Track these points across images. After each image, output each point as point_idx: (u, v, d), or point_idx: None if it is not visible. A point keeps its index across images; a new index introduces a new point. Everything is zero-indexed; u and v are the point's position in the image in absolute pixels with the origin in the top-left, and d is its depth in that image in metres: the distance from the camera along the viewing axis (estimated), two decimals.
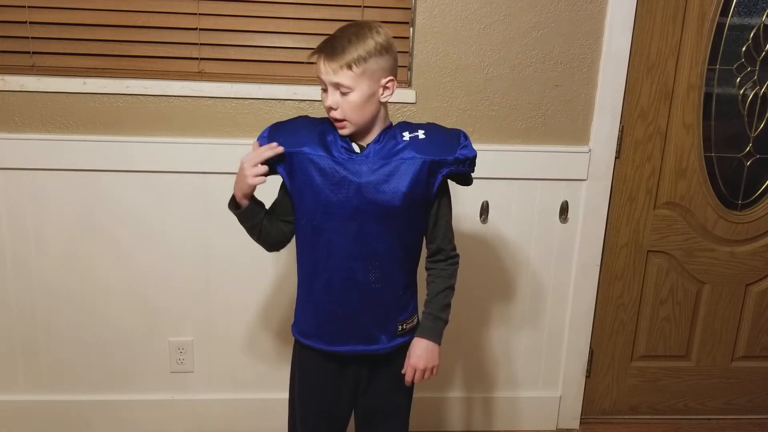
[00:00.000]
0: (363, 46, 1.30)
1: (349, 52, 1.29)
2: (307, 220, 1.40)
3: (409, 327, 1.47)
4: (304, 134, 1.39)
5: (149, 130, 1.92)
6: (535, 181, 2.04)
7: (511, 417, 2.26)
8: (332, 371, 1.48)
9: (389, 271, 1.41)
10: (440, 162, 1.37)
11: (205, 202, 1.97)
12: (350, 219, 1.36)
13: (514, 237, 2.09)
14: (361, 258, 1.38)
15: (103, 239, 1.98)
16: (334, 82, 1.31)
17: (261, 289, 2.06)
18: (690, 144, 2.11)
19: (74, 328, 2.04)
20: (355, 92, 1.32)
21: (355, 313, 1.42)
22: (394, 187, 1.35)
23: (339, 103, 1.32)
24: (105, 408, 2.10)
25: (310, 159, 1.36)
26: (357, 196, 1.34)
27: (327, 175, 1.35)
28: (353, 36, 1.31)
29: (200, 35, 1.89)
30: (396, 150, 1.36)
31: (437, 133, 1.41)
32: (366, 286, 1.40)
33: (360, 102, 1.33)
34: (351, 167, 1.35)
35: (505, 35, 1.93)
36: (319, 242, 1.39)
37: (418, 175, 1.35)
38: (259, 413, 2.15)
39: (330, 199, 1.35)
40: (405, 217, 1.38)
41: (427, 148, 1.37)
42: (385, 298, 1.42)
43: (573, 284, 2.16)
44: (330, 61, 1.30)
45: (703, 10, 1.99)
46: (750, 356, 2.34)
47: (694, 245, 2.20)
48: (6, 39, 1.86)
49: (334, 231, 1.37)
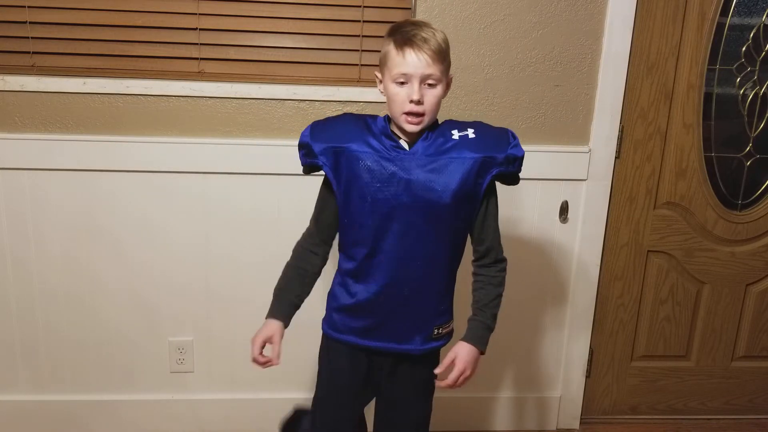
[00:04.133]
0: (442, 39, 1.31)
1: (438, 44, 1.30)
2: (351, 218, 1.38)
3: (445, 332, 1.46)
4: (349, 131, 1.37)
5: (149, 130, 1.92)
6: (535, 181, 2.04)
7: (511, 417, 2.26)
8: (360, 363, 1.46)
9: (432, 272, 1.39)
10: (491, 162, 1.36)
11: (205, 202, 1.97)
12: (397, 217, 1.34)
13: (514, 237, 2.09)
14: (405, 257, 1.36)
15: (103, 239, 1.98)
16: (427, 74, 1.30)
17: (261, 289, 2.06)
18: (690, 144, 2.11)
19: (74, 328, 2.04)
20: (440, 86, 1.32)
21: (395, 312, 1.39)
22: (444, 184, 1.33)
23: (425, 96, 1.31)
24: (105, 408, 2.10)
25: (357, 156, 1.34)
26: (406, 193, 1.33)
27: (374, 172, 1.33)
28: (428, 29, 1.31)
29: (200, 35, 1.89)
30: (446, 148, 1.35)
31: (487, 132, 1.40)
32: (408, 286, 1.38)
33: (441, 96, 1.34)
34: (400, 163, 1.33)
35: (505, 35, 1.93)
36: (362, 240, 1.37)
37: (468, 173, 1.34)
38: (259, 413, 2.15)
39: (377, 197, 1.33)
40: (452, 217, 1.36)
41: (478, 147, 1.35)
42: (425, 299, 1.41)
43: (573, 284, 2.16)
44: (426, 52, 1.29)
45: (703, 10, 1.99)
46: (750, 356, 2.34)
47: (694, 245, 2.20)
48: (6, 39, 1.86)
49: (380, 229, 1.35)
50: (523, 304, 2.16)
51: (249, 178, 1.97)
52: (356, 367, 1.47)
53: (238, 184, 1.96)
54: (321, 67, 1.95)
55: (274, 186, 1.96)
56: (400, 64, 1.30)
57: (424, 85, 1.31)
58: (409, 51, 1.29)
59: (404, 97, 1.31)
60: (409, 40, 1.29)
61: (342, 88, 1.93)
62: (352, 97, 1.94)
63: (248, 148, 1.95)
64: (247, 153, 1.95)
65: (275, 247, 1.51)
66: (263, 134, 1.94)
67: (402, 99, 1.31)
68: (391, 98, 1.34)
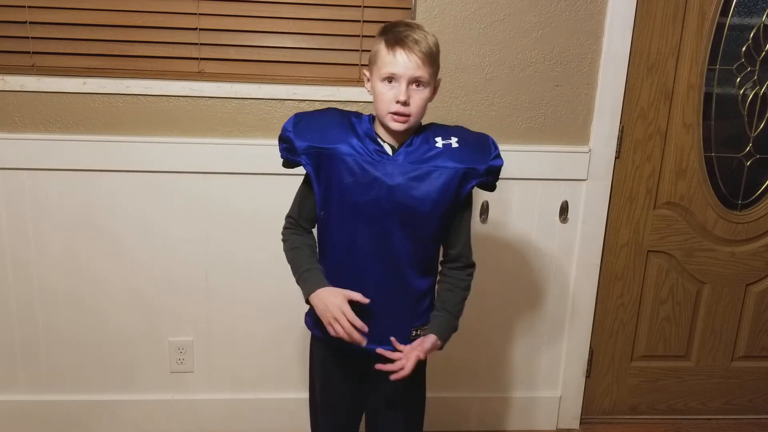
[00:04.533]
0: (433, 43, 1.32)
1: (430, 48, 1.30)
2: (331, 216, 1.39)
3: (423, 333, 1.46)
4: (334, 131, 1.37)
5: (149, 130, 1.92)
6: (535, 181, 2.04)
7: (511, 417, 2.26)
8: (346, 363, 1.47)
9: (410, 274, 1.40)
10: (472, 173, 1.38)
11: (205, 202, 1.97)
12: (376, 221, 1.35)
13: (514, 237, 2.09)
14: (382, 261, 1.38)
15: (103, 239, 1.98)
16: (416, 75, 1.30)
17: (261, 289, 2.06)
18: (690, 144, 2.11)
19: (74, 328, 2.04)
20: (428, 89, 1.33)
21: (372, 313, 1.40)
22: (425, 192, 1.34)
23: (412, 97, 1.31)
24: (105, 408, 2.10)
25: (342, 158, 1.34)
26: (387, 198, 1.34)
27: (357, 175, 1.34)
28: (420, 31, 1.31)
29: (200, 35, 1.89)
30: (429, 156, 1.35)
31: (470, 141, 1.41)
32: (385, 288, 1.39)
33: (428, 99, 1.34)
34: (383, 169, 1.34)
35: (505, 35, 1.93)
36: (340, 242, 1.38)
37: (449, 183, 1.35)
38: (259, 413, 2.15)
39: (358, 200, 1.34)
40: (430, 223, 1.38)
41: (461, 158, 1.37)
42: (403, 301, 1.42)
43: (573, 284, 2.16)
44: (417, 54, 1.29)
45: (703, 10, 1.99)
46: (750, 356, 2.34)
47: (694, 245, 2.20)
48: (6, 39, 1.86)
49: (358, 231, 1.36)
50: (523, 303, 2.16)
51: (249, 178, 1.97)
52: (344, 367, 1.48)
53: (238, 184, 1.96)
54: (321, 67, 1.95)
55: (274, 186, 1.95)
56: (389, 64, 1.31)
57: (411, 87, 1.31)
58: (399, 51, 1.30)
59: (391, 97, 1.31)
60: (401, 40, 1.30)
61: (342, 88, 1.93)
62: (352, 97, 1.94)
63: (248, 148, 1.95)
64: (247, 153, 1.95)
65: (275, 247, 1.51)
66: (263, 134, 1.94)
67: (389, 98, 1.32)
68: (377, 97, 1.34)
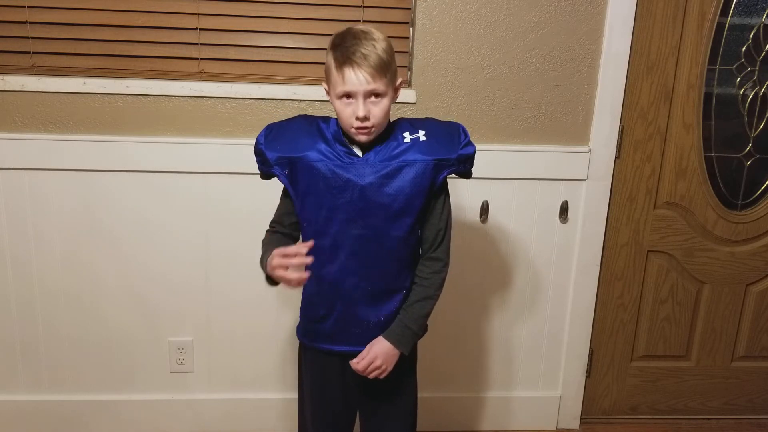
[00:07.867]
0: (384, 50, 1.29)
1: (379, 58, 1.27)
2: (310, 223, 1.40)
3: None
4: (303, 139, 1.38)
5: (149, 130, 1.92)
6: (535, 181, 2.04)
7: (511, 417, 2.26)
8: (336, 368, 1.48)
9: (392, 272, 1.41)
10: (443, 164, 1.37)
11: (205, 202, 1.97)
12: (354, 222, 1.36)
13: (514, 237, 2.09)
14: (364, 260, 1.38)
15: (103, 239, 1.98)
16: (370, 90, 1.28)
17: (261, 289, 2.06)
18: (690, 144, 2.11)
19: (74, 328, 2.04)
20: (387, 98, 1.31)
21: (358, 314, 1.42)
22: (398, 188, 1.35)
23: (371, 110, 1.30)
24: (105, 408, 2.10)
25: (312, 165, 1.35)
26: (360, 199, 1.34)
27: (329, 180, 1.35)
28: (369, 42, 1.28)
29: (200, 35, 1.89)
30: (398, 152, 1.36)
31: (438, 132, 1.40)
32: (369, 288, 1.40)
33: (388, 107, 1.33)
34: (354, 170, 1.34)
35: (505, 35, 1.93)
36: (322, 245, 1.38)
37: (421, 177, 1.35)
38: (259, 413, 2.15)
39: (333, 203, 1.35)
40: (407, 219, 1.38)
41: (429, 150, 1.36)
42: (387, 300, 1.42)
43: (573, 284, 2.16)
44: (366, 70, 1.27)
45: (703, 10, 1.99)
46: (750, 356, 2.34)
47: (694, 245, 2.20)
48: (6, 39, 1.86)
49: (338, 234, 1.37)
50: (523, 304, 2.16)
51: (249, 178, 1.95)
52: (333, 372, 1.49)
53: (238, 184, 1.96)
54: (321, 67, 1.91)
55: (274, 186, 1.95)
56: (341, 84, 1.29)
57: (369, 99, 1.30)
58: (348, 70, 1.27)
59: (350, 113, 1.30)
60: (347, 58, 1.27)
61: None
62: None
63: (248, 148, 1.92)
64: (247, 153, 1.93)
65: None
66: None
67: (348, 115, 1.31)
68: (338, 113, 1.34)
